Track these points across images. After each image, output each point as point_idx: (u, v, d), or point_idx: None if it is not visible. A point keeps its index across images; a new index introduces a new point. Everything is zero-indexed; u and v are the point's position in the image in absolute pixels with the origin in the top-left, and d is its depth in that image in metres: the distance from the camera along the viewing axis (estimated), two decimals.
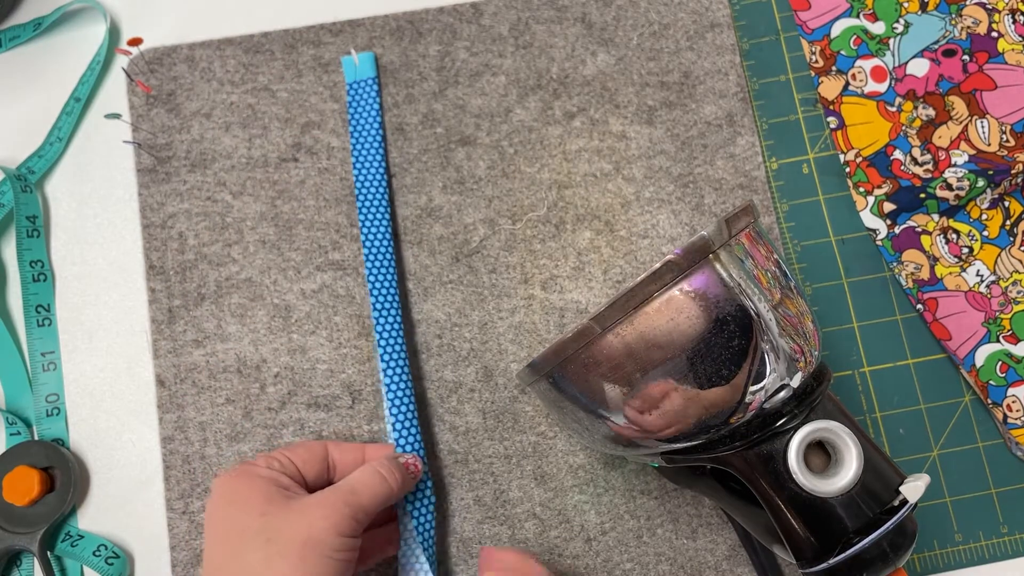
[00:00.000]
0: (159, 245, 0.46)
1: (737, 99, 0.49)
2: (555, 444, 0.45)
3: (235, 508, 0.34)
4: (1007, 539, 0.45)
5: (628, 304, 0.32)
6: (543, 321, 0.46)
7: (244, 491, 0.34)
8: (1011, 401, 0.45)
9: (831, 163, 0.49)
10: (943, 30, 0.50)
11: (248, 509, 0.34)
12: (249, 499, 0.34)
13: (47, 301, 0.45)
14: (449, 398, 0.45)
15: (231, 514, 0.34)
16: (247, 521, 0.33)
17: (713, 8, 0.50)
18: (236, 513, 0.34)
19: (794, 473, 0.34)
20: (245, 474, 0.35)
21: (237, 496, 0.34)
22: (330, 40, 0.48)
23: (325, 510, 0.34)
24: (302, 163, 0.47)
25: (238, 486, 0.35)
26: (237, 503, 0.34)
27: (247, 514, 0.34)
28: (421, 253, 0.46)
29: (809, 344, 0.35)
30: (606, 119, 0.48)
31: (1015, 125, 0.48)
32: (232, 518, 0.34)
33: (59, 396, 0.45)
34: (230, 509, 0.34)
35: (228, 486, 0.35)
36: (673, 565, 0.43)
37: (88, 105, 0.48)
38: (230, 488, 0.35)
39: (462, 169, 0.47)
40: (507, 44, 0.49)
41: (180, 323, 0.45)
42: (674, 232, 0.47)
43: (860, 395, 0.46)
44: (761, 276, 0.34)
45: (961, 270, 0.47)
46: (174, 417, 0.44)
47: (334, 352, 0.45)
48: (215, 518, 0.34)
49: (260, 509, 0.34)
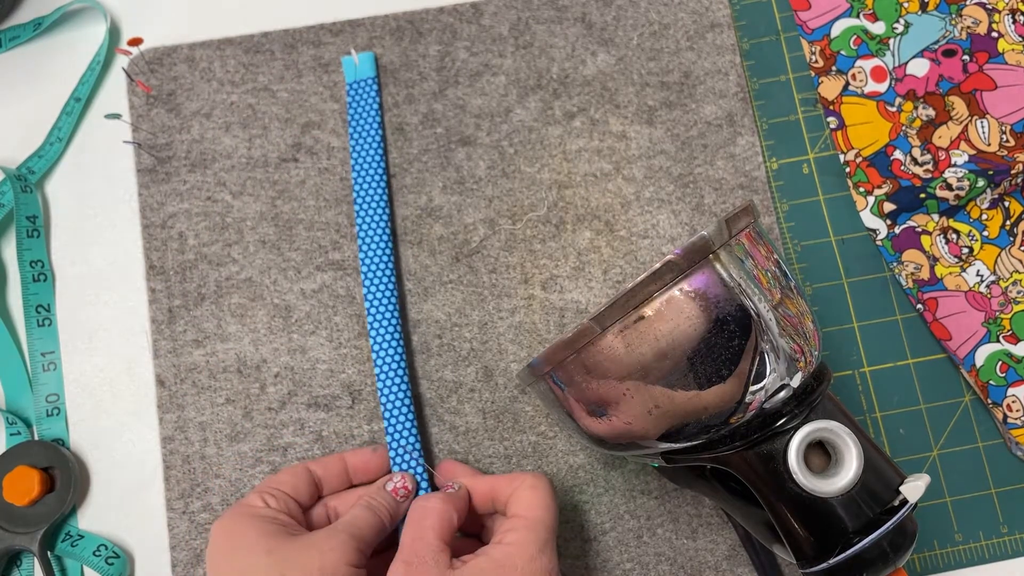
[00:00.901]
0: (159, 245, 0.46)
1: (737, 99, 0.49)
2: (555, 444, 0.45)
3: (240, 551, 0.33)
4: (1007, 539, 0.45)
5: (628, 304, 0.32)
6: (543, 321, 0.46)
7: (246, 532, 0.34)
8: (1011, 401, 0.45)
9: (831, 163, 0.49)
10: (943, 30, 0.50)
11: (254, 550, 0.33)
12: (253, 540, 0.33)
13: (47, 301, 0.45)
14: (449, 398, 0.45)
15: (237, 557, 0.33)
16: (254, 560, 0.33)
17: (713, 8, 0.50)
18: (242, 556, 0.33)
19: (794, 473, 0.34)
20: (244, 515, 0.35)
21: (240, 540, 0.34)
22: (330, 40, 0.48)
23: (332, 542, 0.33)
24: (302, 163, 0.47)
25: (239, 528, 0.34)
26: (241, 546, 0.34)
27: (254, 554, 0.33)
28: (421, 253, 0.46)
29: (809, 344, 0.35)
30: (606, 119, 0.48)
31: (1015, 125, 0.48)
32: (238, 560, 0.33)
33: (59, 396, 0.45)
34: (235, 553, 0.34)
35: (229, 529, 0.34)
36: (673, 565, 0.43)
37: (88, 105, 0.48)
38: (231, 531, 0.34)
39: (462, 169, 0.47)
40: (507, 44, 0.49)
41: (180, 323, 0.45)
42: (674, 232, 0.47)
43: (860, 395, 0.46)
44: (761, 276, 0.34)
45: (961, 270, 0.47)
46: (174, 417, 0.44)
47: (334, 352, 0.45)
48: (219, 562, 0.34)
49: (266, 548, 0.33)
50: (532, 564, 0.33)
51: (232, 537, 0.34)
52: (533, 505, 0.35)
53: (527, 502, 0.35)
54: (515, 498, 0.36)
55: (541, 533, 0.34)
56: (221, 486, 0.43)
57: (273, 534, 0.34)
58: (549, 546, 0.34)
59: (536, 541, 0.34)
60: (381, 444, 0.42)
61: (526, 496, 0.36)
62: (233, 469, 0.44)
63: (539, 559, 0.33)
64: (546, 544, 0.34)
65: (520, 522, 0.35)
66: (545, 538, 0.34)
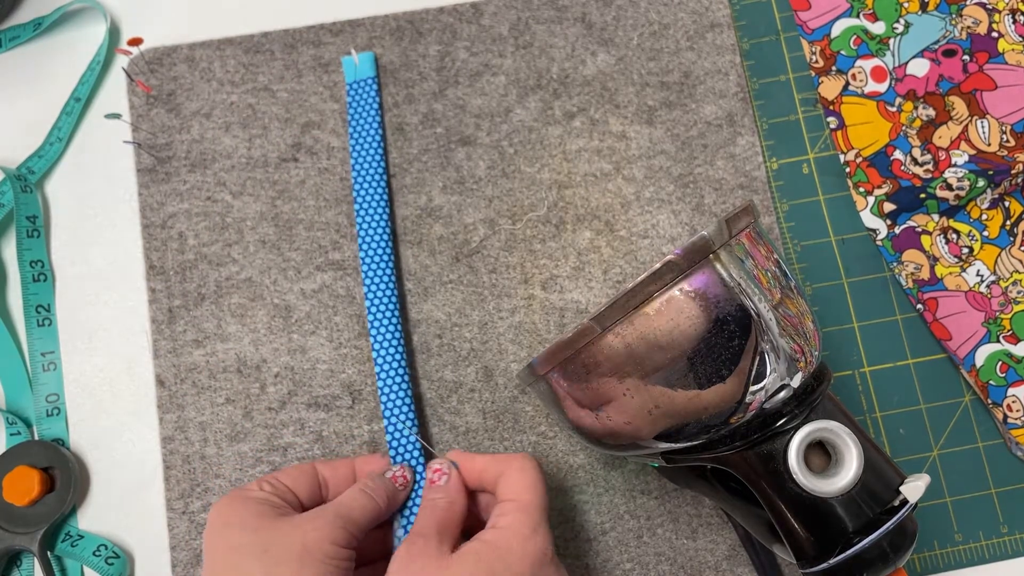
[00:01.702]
0: (159, 245, 0.46)
1: (737, 99, 0.49)
2: (555, 444, 0.45)
3: (231, 528, 0.35)
4: (1007, 539, 0.45)
5: (628, 304, 0.32)
6: (543, 321, 0.46)
7: (238, 512, 0.36)
8: (1011, 401, 0.45)
9: (831, 163, 0.49)
10: (943, 30, 0.50)
11: (243, 527, 0.35)
12: (243, 519, 0.35)
13: (47, 301, 0.45)
14: (449, 398, 0.45)
15: (227, 534, 0.35)
16: (242, 538, 0.35)
17: (713, 8, 0.50)
18: (232, 533, 0.35)
19: (794, 473, 0.34)
20: (238, 497, 0.37)
21: (232, 517, 0.36)
22: (330, 40, 0.48)
23: (318, 521, 0.35)
24: (302, 163, 0.47)
25: (232, 508, 0.36)
26: (232, 524, 0.36)
27: (243, 531, 0.35)
28: (421, 253, 0.46)
29: (809, 344, 0.35)
30: (606, 119, 0.48)
31: (1015, 125, 0.48)
32: (229, 538, 0.35)
33: (59, 396, 0.45)
34: (226, 530, 0.36)
35: (223, 510, 0.36)
36: (673, 565, 0.43)
37: (88, 105, 0.48)
38: (225, 511, 0.36)
39: (462, 169, 0.47)
40: (507, 44, 0.49)
41: (180, 323, 0.45)
42: (674, 232, 0.47)
43: (860, 395, 0.46)
44: (761, 276, 0.34)
45: (961, 270, 0.47)
46: (174, 417, 0.44)
47: (334, 352, 0.45)
48: (212, 540, 0.36)
49: (254, 526, 0.35)
50: (526, 545, 0.34)
51: (224, 516, 0.36)
52: (523, 488, 0.36)
53: (517, 485, 0.36)
54: (504, 481, 0.37)
55: (533, 515, 0.35)
56: (221, 486, 0.43)
57: (263, 514, 0.36)
58: (542, 526, 0.35)
59: (528, 522, 0.35)
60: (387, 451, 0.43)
61: (515, 479, 0.37)
62: (233, 469, 0.44)
63: (533, 539, 0.34)
64: (539, 524, 0.35)
65: (511, 506, 0.36)
66: (537, 519, 0.35)
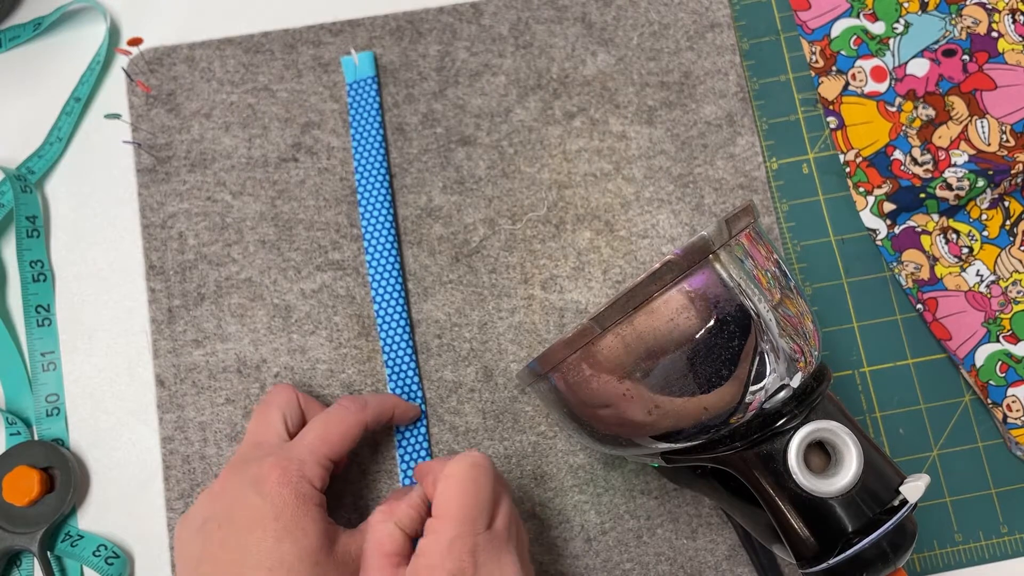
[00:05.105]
0: (159, 245, 0.46)
1: (737, 99, 0.49)
2: (555, 444, 0.45)
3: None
4: (1007, 539, 0.45)
5: (628, 304, 0.32)
6: (543, 321, 0.46)
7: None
8: (1011, 401, 0.45)
9: (831, 163, 0.49)
10: (943, 30, 0.50)
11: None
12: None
13: (47, 301, 0.45)
14: (449, 398, 0.45)
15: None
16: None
17: (713, 8, 0.50)
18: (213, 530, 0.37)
19: (794, 473, 0.34)
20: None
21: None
22: (330, 40, 0.48)
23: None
24: (302, 163, 0.47)
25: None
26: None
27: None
28: (421, 253, 0.46)
29: (809, 344, 0.35)
30: (606, 119, 0.48)
31: (1015, 125, 0.48)
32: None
33: (59, 396, 0.45)
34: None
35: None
36: (673, 565, 0.43)
37: (88, 105, 0.48)
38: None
39: (462, 169, 0.47)
40: (507, 44, 0.49)
41: (180, 323, 0.45)
42: (674, 232, 0.47)
43: (860, 395, 0.46)
44: (761, 276, 0.34)
45: (961, 270, 0.47)
46: (174, 417, 0.44)
47: (334, 352, 0.45)
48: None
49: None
50: (446, 562, 0.33)
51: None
52: (440, 501, 0.35)
53: (439, 499, 0.35)
54: (436, 491, 0.36)
55: (448, 530, 0.34)
56: None
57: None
58: (460, 539, 0.34)
59: (441, 541, 0.34)
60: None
61: (439, 490, 0.35)
62: None
63: (449, 556, 0.33)
64: (456, 538, 0.34)
65: (431, 524, 0.35)
66: (454, 533, 0.34)
